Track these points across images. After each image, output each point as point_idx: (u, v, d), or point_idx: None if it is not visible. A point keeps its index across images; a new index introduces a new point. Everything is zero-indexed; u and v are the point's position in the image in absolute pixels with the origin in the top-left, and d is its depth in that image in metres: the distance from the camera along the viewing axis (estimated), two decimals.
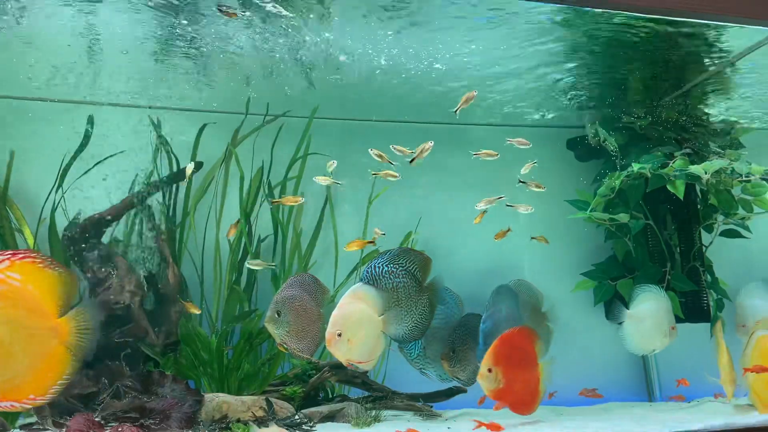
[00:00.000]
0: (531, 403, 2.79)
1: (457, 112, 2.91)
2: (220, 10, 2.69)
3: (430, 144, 2.93)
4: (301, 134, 3.62)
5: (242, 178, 3.48)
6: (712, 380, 3.06)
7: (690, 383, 3.46)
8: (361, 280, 2.81)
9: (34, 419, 2.72)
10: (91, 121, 3.31)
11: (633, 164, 3.52)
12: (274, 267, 3.27)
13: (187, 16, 2.81)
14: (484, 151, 3.08)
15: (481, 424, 2.59)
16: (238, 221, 3.25)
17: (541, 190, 3.33)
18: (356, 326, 2.67)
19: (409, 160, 2.97)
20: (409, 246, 3.65)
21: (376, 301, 2.75)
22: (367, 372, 3.23)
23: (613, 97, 3.85)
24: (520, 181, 3.29)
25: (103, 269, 3.11)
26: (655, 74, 3.73)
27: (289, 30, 2.98)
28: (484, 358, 2.68)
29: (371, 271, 2.81)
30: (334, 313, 2.67)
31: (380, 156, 3.01)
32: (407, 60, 3.30)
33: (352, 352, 2.67)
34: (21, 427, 2.71)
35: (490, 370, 2.66)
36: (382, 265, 2.84)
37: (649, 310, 3.14)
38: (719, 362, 3.10)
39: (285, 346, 2.76)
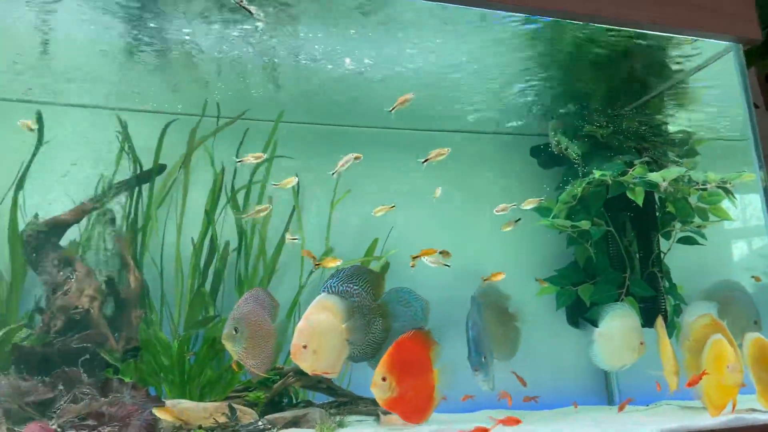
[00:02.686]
0: (424, 411, 2.69)
1: (392, 111, 2.91)
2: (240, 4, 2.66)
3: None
4: (267, 138, 3.61)
5: (216, 181, 3.45)
6: (654, 373, 3.14)
7: (648, 387, 3.54)
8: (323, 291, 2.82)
9: None
10: (39, 117, 3.23)
11: (594, 171, 3.60)
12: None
13: (153, 15, 2.78)
14: (434, 151, 3.06)
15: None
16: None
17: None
18: (322, 337, 2.67)
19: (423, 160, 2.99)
20: (378, 253, 3.67)
21: (340, 310, 2.77)
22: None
23: (575, 106, 3.94)
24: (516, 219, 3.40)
25: (61, 273, 3.04)
26: (616, 84, 3.82)
27: (257, 32, 2.97)
28: (378, 365, 2.60)
29: (327, 292, 2.82)
30: (300, 324, 2.67)
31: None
32: (374, 65, 3.31)
33: (318, 363, 2.67)
34: None
35: (384, 379, 2.55)
36: (336, 285, 2.85)
37: (618, 328, 3.20)
38: (661, 355, 3.19)
39: (240, 363, 2.75)
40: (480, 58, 3.37)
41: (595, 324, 3.25)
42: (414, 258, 3.05)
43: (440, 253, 3.14)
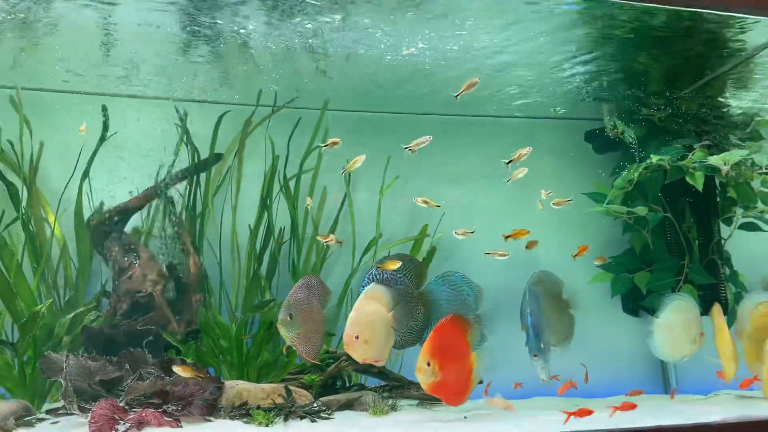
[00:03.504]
0: (463, 393, 2.72)
1: (458, 96, 2.90)
2: None
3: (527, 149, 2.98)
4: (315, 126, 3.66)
5: (275, 167, 3.53)
6: (711, 360, 3.07)
7: (706, 376, 3.46)
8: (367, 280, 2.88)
9: (60, 404, 2.79)
10: (105, 110, 3.35)
11: (652, 156, 3.51)
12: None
13: (209, 7, 2.85)
14: (517, 152, 3.04)
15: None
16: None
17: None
18: (372, 327, 2.74)
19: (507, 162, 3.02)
20: (430, 240, 3.69)
21: (387, 298, 2.82)
22: None
23: (632, 89, 3.83)
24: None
25: (125, 258, 3.17)
26: (674, 66, 3.70)
27: (310, 22, 3.01)
28: (421, 351, 2.62)
29: (372, 279, 2.88)
30: (352, 314, 2.74)
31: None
32: (424, 51, 3.30)
33: (369, 353, 2.74)
34: (47, 412, 2.78)
35: (428, 364, 2.58)
36: (381, 273, 2.90)
37: (678, 319, 3.15)
38: (717, 343, 3.12)
39: (293, 347, 2.82)
40: (532, 41, 3.32)
41: (652, 312, 3.19)
42: (506, 237, 3.07)
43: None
